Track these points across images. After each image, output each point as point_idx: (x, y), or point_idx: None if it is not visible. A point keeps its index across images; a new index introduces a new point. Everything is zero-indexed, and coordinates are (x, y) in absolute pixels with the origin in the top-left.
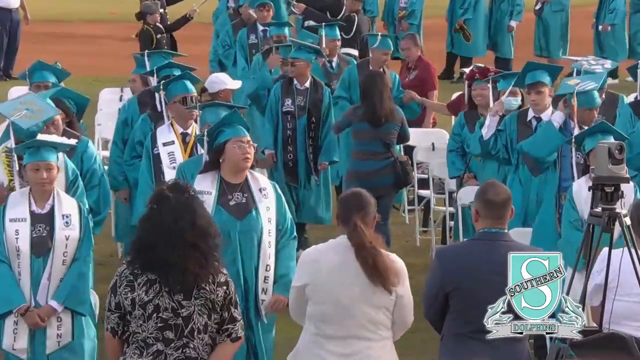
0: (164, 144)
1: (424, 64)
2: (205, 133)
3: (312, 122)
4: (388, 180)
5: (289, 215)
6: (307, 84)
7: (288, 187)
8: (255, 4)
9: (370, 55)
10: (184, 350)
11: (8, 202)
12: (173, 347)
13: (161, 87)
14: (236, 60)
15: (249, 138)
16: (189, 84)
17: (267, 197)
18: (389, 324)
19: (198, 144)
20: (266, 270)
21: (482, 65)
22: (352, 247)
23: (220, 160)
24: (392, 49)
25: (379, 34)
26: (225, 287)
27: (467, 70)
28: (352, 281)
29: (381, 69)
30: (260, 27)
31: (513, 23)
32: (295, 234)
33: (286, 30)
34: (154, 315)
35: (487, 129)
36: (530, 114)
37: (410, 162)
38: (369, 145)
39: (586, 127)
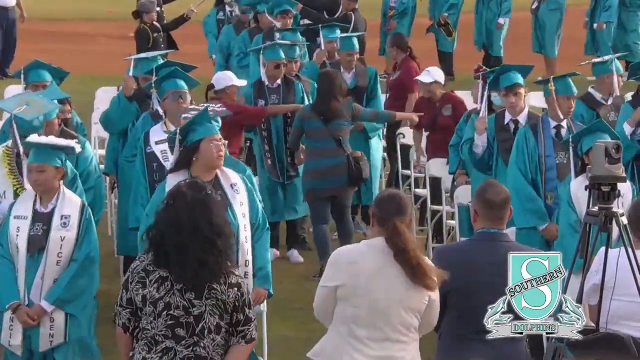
0: (157, 142)
1: (406, 67)
2: (178, 131)
3: (288, 117)
4: (342, 179)
5: (260, 207)
6: (279, 81)
7: (279, 184)
8: (276, 11)
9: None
10: (194, 349)
11: (18, 199)
12: (183, 345)
13: (153, 85)
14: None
15: (220, 136)
16: (179, 80)
17: (239, 192)
18: (418, 325)
19: None
20: (245, 265)
21: (479, 64)
22: (392, 250)
23: (194, 159)
24: (356, 49)
25: (340, 35)
26: (236, 289)
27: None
28: (391, 285)
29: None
30: (278, 35)
31: (501, 20)
32: (267, 225)
33: (297, 35)
34: (164, 312)
35: (480, 148)
36: (507, 117)
37: (365, 157)
38: (321, 143)
39: (562, 117)
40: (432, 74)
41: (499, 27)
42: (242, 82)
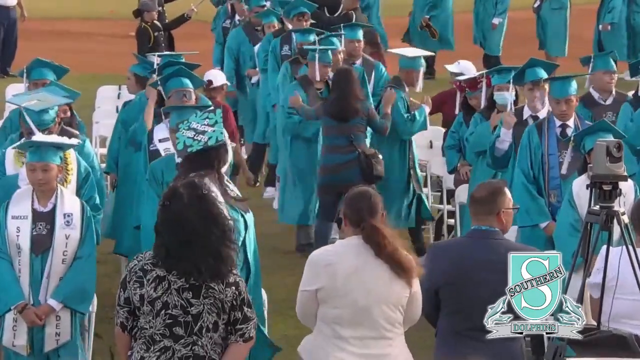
0: (160, 141)
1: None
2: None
3: None
4: (353, 175)
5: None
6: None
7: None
8: (293, 14)
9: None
10: (193, 348)
11: (12, 199)
12: (182, 344)
13: (159, 83)
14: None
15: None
16: (184, 79)
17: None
18: (402, 319)
19: None
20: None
21: (470, 77)
22: (373, 249)
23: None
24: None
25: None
26: (234, 288)
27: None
28: (370, 283)
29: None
30: (294, 36)
31: (496, 20)
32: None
33: (312, 37)
34: (162, 311)
35: (506, 143)
36: (527, 112)
37: (379, 155)
38: (334, 140)
39: (556, 118)
40: (461, 66)
41: (494, 27)
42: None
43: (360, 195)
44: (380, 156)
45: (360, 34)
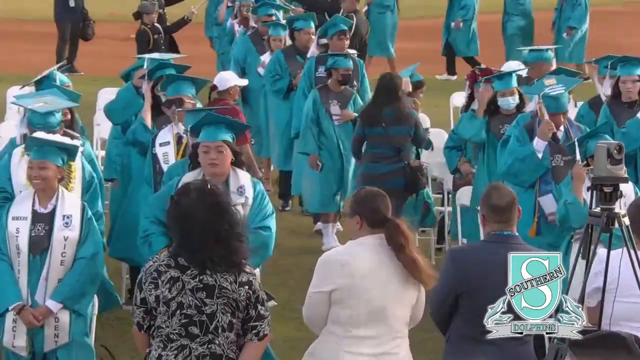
0: (160, 145)
1: None
2: (189, 130)
3: None
4: (397, 184)
5: (267, 211)
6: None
7: None
8: (331, 32)
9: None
10: (210, 346)
11: (15, 200)
12: (198, 342)
13: (159, 87)
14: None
15: (218, 143)
16: (184, 84)
17: (243, 193)
18: (409, 320)
19: None
20: None
21: (484, 67)
22: (394, 248)
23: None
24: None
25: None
26: (247, 287)
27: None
28: (386, 282)
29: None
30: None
31: (453, 23)
32: (269, 225)
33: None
34: (178, 312)
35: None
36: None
37: (423, 168)
38: (379, 149)
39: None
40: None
41: (455, 25)
42: (244, 82)
43: (375, 195)
44: (424, 169)
45: (312, 25)
